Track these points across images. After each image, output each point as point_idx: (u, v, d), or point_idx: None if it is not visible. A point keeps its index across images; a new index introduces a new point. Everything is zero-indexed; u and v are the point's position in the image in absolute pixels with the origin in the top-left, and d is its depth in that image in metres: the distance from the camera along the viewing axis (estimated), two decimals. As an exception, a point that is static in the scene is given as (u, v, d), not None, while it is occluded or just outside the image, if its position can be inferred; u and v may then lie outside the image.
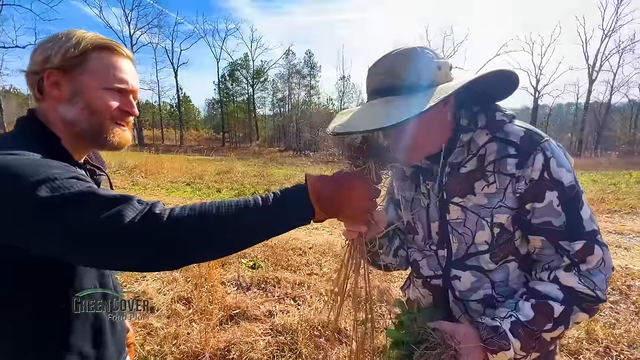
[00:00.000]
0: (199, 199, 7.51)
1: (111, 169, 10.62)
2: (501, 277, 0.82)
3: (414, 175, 0.93)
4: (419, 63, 0.73)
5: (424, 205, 0.90)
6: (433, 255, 0.90)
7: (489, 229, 0.79)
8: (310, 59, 38.90)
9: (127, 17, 33.87)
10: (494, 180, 0.78)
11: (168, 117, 45.06)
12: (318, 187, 0.61)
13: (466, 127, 0.81)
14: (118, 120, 0.76)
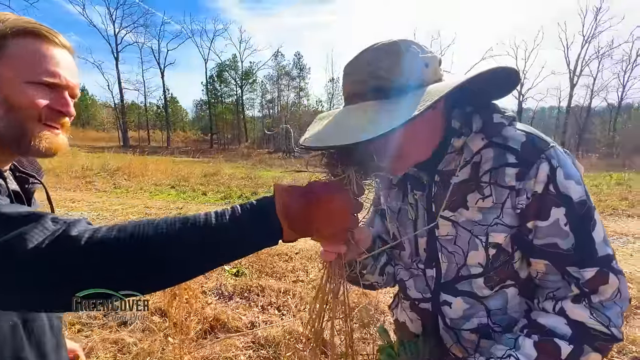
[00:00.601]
0: (183, 202, 7.30)
1: (92, 171, 10.27)
2: (498, 304, 0.71)
3: (401, 183, 0.84)
4: (403, 60, 0.61)
5: (411, 218, 0.80)
6: (421, 275, 0.80)
7: (484, 250, 0.69)
8: (299, 61, 38.84)
9: (112, 16, 33.08)
10: (489, 193, 0.67)
11: (154, 118, 44.11)
12: (287, 201, 0.51)
13: (458, 131, 0.70)
14: (48, 122, 0.64)
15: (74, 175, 9.76)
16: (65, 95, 0.66)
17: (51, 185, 8.38)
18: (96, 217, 5.64)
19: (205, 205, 7.11)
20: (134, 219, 4.01)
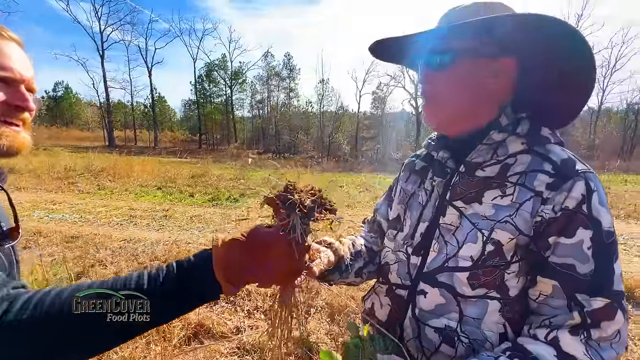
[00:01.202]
0: (169, 203, 7.17)
1: (75, 172, 9.99)
2: (474, 312, 0.67)
3: (422, 171, 0.86)
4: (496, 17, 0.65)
5: (421, 202, 0.80)
6: (405, 261, 0.79)
7: (481, 244, 0.66)
8: (289, 62, 38.73)
9: (97, 13, 32.30)
10: (511, 193, 0.65)
11: (141, 117, 43.28)
12: (222, 255, 0.52)
13: (503, 127, 0.69)
14: (6, 118, 0.62)
15: (55, 176, 9.46)
16: (22, 89, 0.63)
17: (31, 186, 8.11)
18: (78, 220, 5.48)
19: (193, 207, 7.00)
20: (118, 220, 3.93)
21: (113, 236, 4.58)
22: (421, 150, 0.92)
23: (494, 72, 0.68)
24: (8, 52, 0.62)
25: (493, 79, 0.69)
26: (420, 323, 0.72)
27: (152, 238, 4.61)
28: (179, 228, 5.32)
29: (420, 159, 0.90)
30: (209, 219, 5.98)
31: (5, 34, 0.63)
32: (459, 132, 0.76)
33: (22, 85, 0.64)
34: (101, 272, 3.34)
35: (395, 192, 0.94)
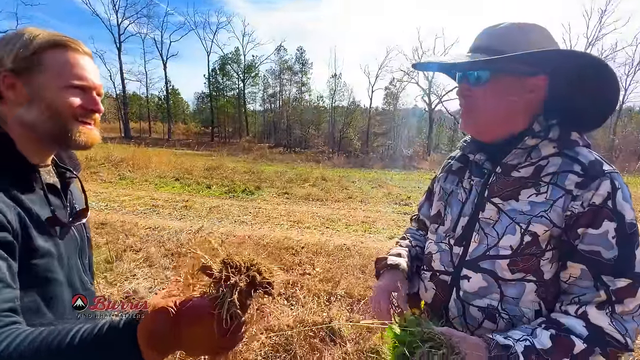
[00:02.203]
0: (188, 194, 7.41)
1: (97, 162, 10.34)
2: (514, 293, 0.76)
3: (460, 170, 0.95)
4: (529, 37, 0.75)
5: (461, 199, 0.89)
6: (448, 250, 0.88)
7: (520, 235, 0.75)
8: (301, 56, 38.67)
9: (115, 6, 32.82)
10: (545, 191, 0.74)
11: (156, 109, 44.03)
12: (148, 324, 0.50)
13: (536, 133, 0.78)
14: (83, 119, 0.75)
15: (78, 165, 9.83)
16: (94, 95, 0.76)
17: (56, 174, 8.47)
18: (104, 208, 5.75)
19: (211, 198, 7.22)
20: (142, 209, 4.15)
21: (139, 224, 4.81)
22: (455, 152, 1.02)
23: (529, 87, 0.77)
24: (83, 64, 0.75)
25: (528, 93, 0.77)
26: (464, 303, 0.82)
27: (175, 227, 4.82)
28: (199, 218, 5.54)
29: (456, 160, 0.99)
30: (227, 210, 6.18)
31: (81, 49, 0.75)
32: (495, 138, 0.85)
33: (94, 92, 0.77)
34: (133, 257, 3.56)
35: (434, 191, 1.04)
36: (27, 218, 0.68)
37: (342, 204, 7.48)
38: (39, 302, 0.69)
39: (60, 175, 0.84)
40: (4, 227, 0.61)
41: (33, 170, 0.73)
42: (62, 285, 0.74)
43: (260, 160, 17.75)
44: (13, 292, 0.58)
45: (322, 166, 13.59)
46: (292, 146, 30.18)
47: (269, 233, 4.81)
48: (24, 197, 0.69)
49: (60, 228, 0.76)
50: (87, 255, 0.90)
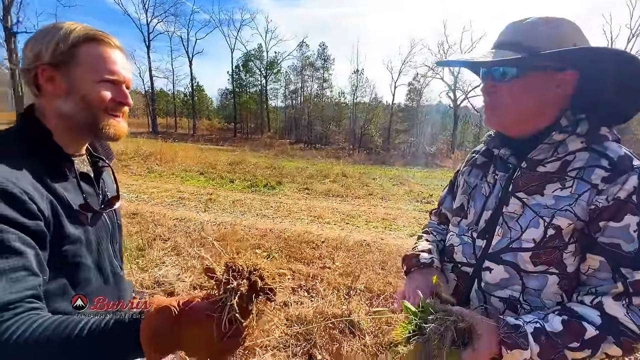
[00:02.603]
0: (212, 188, 7.65)
1: (127, 155, 10.86)
2: (536, 285, 0.77)
3: (484, 165, 0.95)
4: (560, 35, 0.73)
5: (484, 193, 0.90)
6: (470, 243, 0.89)
7: (543, 228, 0.75)
8: (323, 52, 38.60)
9: (145, 5, 34.04)
10: (570, 185, 0.74)
11: (181, 105, 45.45)
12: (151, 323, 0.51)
13: (563, 128, 0.77)
14: (112, 112, 0.77)
15: (111, 158, 10.37)
16: (124, 89, 0.79)
17: (91, 167, 8.97)
18: (135, 199, 6.05)
19: (233, 192, 7.42)
20: (169, 201, 4.34)
21: (166, 215, 5.04)
22: (480, 146, 1.01)
23: (557, 82, 0.76)
24: (115, 59, 0.77)
25: (555, 88, 0.76)
26: (486, 294, 0.83)
27: (200, 218, 5.01)
28: (223, 211, 5.72)
29: (480, 154, 0.99)
30: (250, 204, 6.34)
31: (112, 43, 0.77)
32: (521, 133, 0.84)
33: (123, 85, 0.79)
34: (162, 245, 3.75)
35: (457, 184, 1.04)
36: (60, 206, 0.70)
37: (363, 200, 7.47)
38: (67, 286, 0.72)
39: (94, 164, 0.88)
40: (35, 216, 0.63)
41: (67, 159, 0.76)
42: (90, 270, 0.77)
43: (282, 156, 17.96)
44: (37, 280, 0.60)
45: (343, 163, 13.58)
46: (313, 142, 30.26)
47: (289, 227, 4.90)
48: (58, 185, 0.72)
49: (92, 215, 0.79)
50: (118, 241, 0.93)
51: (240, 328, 0.53)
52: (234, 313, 0.51)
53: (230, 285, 0.52)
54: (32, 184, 0.65)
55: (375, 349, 2.21)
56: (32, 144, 0.71)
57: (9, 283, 0.55)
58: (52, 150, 0.72)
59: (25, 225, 0.61)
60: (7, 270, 0.56)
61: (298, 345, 2.23)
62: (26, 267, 0.59)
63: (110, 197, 0.89)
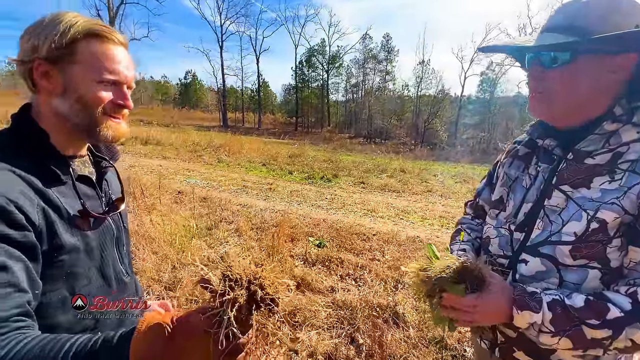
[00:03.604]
0: (273, 178, 8.12)
1: (201, 147, 12.09)
2: (575, 278, 0.74)
3: (526, 156, 0.91)
4: (615, 13, 0.68)
5: (525, 186, 0.87)
6: (507, 235, 0.87)
7: (586, 222, 0.72)
8: (387, 43, 37.51)
9: (219, 8, 36.98)
10: (620, 178, 0.70)
11: (249, 101, 48.63)
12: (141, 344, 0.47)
13: (617, 117, 0.72)
14: (111, 114, 0.73)
15: (187, 149, 11.66)
16: (124, 90, 0.74)
17: (171, 157, 10.19)
18: (206, 185, 6.76)
19: (292, 183, 7.79)
20: (234, 189, 4.78)
21: (231, 201, 5.54)
22: (522, 136, 0.97)
23: (613, 68, 0.70)
24: (118, 58, 0.71)
25: (612, 74, 0.71)
26: (514, 284, 0.80)
27: (260, 205, 5.41)
28: (281, 200, 6.07)
29: (523, 145, 0.94)
30: (306, 194, 6.60)
31: (116, 39, 0.71)
32: (569, 124, 0.79)
33: (125, 86, 0.74)
34: (226, 227, 4.17)
35: (496, 176, 1.01)
36: (54, 213, 0.65)
37: (420, 196, 7.22)
38: (66, 296, 0.67)
39: (97, 165, 0.83)
40: (23, 227, 0.57)
41: (65, 162, 0.71)
42: (90, 279, 0.72)
43: (340, 150, 18.12)
44: (24, 296, 0.55)
45: (402, 158, 13.16)
46: (373, 137, 29.82)
47: (342, 218, 5.01)
48: (54, 190, 0.66)
49: (93, 219, 0.73)
50: (125, 245, 0.87)
51: (239, 345, 0.48)
52: (232, 328, 0.46)
53: (227, 297, 0.47)
54: (22, 192, 0.60)
55: (419, 343, 2.20)
56: (26, 147, 0.66)
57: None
58: (47, 153, 0.68)
59: (12, 238, 0.56)
60: None
61: (342, 328, 2.33)
62: (12, 284, 0.54)
63: (114, 199, 0.85)
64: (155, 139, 12.56)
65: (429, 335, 2.26)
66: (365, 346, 2.15)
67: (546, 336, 0.70)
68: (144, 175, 6.59)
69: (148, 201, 4.35)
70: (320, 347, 2.10)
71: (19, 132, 0.68)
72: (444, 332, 2.22)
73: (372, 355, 2.07)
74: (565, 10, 0.74)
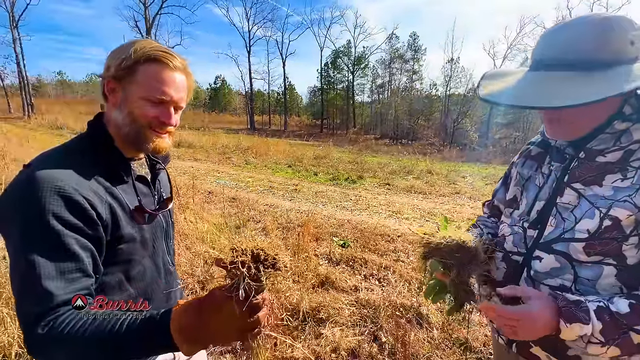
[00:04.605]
0: (298, 180, 8.27)
1: (230, 149, 12.52)
2: (590, 275, 0.75)
3: (539, 156, 0.93)
4: (612, 37, 0.67)
5: (538, 184, 0.89)
6: (521, 233, 0.89)
7: (599, 219, 0.73)
8: (414, 42, 36.79)
9: (247, 14, 38.09)
10: (632, 176, 0.71)
11: (275, 104, 49.55)
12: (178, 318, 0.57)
13: (627, 116, 0.74)
14: (156, 129, 0.81)
15: (217, 151, 12.13)
16: (170, 110, 0.81)
17: (202, 158, 10.65)
18: (234, 186, 7.02)
19: (317, 184, 7.89)
20: (261, 189, 4.95)
21: (259, 201, 5.73)
22: (536, 137, 0.98)
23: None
24: (168, 79, 0.78)
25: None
26: (535, 282, 0.82)
27: (286, 206, 5.55)
28: (306, 200, 6.18)
29: (536, 145, 0.96)
30: (330, 195, 6.67)
31: (172, 64, 0.79)
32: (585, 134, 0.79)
33: (172, 106, 0.81)
34: (254, 226, 4.34)
35: (511, 176, 1.03)
36: (118, 208, 0.75)
37: (448, 198, 7.05)
38: (122, 279, 0.78)
39: (152, 167, 0.94)
40: (94, 222, 0.68)
41: (126, 163, 0.81)
42: (144, 266, 0.83)
43: (365, 151, 18.01)
44: (90, 280, 0.66)
45: (430, 159, 12.84)
46: (399, 138, 29.34)
47: (366, 219, 5.02)
48: (117, 188, 0.77)
49: (147, 215, 0.84)
50: (171, 238, 0.98)
51: (257, 303, 0.56)
52: (247, 284, 0.54)
53: (237, 260, 0.56)
54: (93, 190, 0.71)
55: (442, 344, 2.20)
56: (98, 150, 0.77)
57: (67, 283, 0.62)
58: (113, 155, 0.79)
59: (85, 231, 0.67)
60: (66, 272, 0.62)
61: (365, 326, 2.38)
62: (81, 269, 0.65)
63: (165, 197, 0.95)
64: (187, 141, 13.18)
65: (454, 336, 2.25)
66: (388, 344, 2.18)
67: (595, 347, 0.68)
68: (177, 176, 6.95)
69: (182, 200, 4.61)
70: (344, 343, 2.15)
71: (92, 137, 0.80)
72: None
73: (394, 354, 2.09)
74: (558, 42, 0.72)
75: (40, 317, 0.59)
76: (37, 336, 0.58)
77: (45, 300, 0.59)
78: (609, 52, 0.67)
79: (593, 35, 0.68)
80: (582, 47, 0.69)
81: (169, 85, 0.79)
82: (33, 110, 25.50)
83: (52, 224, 0.63)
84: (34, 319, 0.59)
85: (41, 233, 0.62)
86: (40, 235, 0.62)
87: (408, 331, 2.26)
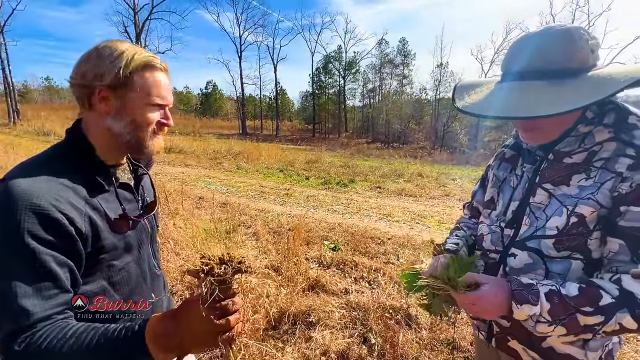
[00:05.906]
0: (289, 184, 8.27)
1: (221, 154, 12.46)
2: (559, 269, 0.80)
3: (512, 158, 0.99)
4: (575, 46, 0.72)
5: (512, 186, 0.94)
6: (498, 232, 0.93)
7: (566, 216, 0.78)
8: (404, 47, 37.32)
9: (238, 20, 38.09)
10: (595, 175, 0.76)
11: (266, 109, 49.53)
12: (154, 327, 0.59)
13: (589, 120, 0.79)
14: (157, 132, 0.83)
15: (208, 157, 12.06)
16: (167, 111, 0.84)
17: (193, 164, 10.58)
18: (225, 191, 6.98)
19: (308, 188, 7.90)
20: (252, 194, 4.95)
21: (250, 206, 5.71)
22: (510, 140, 1.05)
23: None
24: (162, 83, 0.80)
25: None
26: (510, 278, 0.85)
27: (277, 210, 5.54)
28: (297, 205, 6.18)
29: (509, 148, 1.02)
30: (322, 199, 6.69)
31: (160, 66, 0.80)
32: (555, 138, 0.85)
33: (167, 108, 0.83)
34: (245, 231, 4.32)
35: (487, 178, 1.08)
36: (98, 219, 0.74)
37: (438, 201, 7.14)
38: (105, 286, 0.78)
39: (134, 172, 0.93)
40: (72, 238, 0.67)
41: (109, 173, 0.81)
42: (128, 271, 0.83)
43: (357, 155, 18.11)
44: (68, 296, 0.67)
45: (420, 162, 13.03)
46: (390, 141, 29.56)
47: (357, 223, 5.05)
48: (98, 197, 0.76)
49: (132, 221, 0.84)
50: (156, 242, 0.99)
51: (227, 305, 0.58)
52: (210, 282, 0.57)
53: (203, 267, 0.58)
54: (72, 203, 0.69)
55: (430, 344, 2.22)
56: (77, 160, 0.76)
57: (43, 300, 0.62)
58: (94, 164, 0.78)
59: (62, 247, 0.66)
60: (42, 289, 0.62)
61: (355, 328, 2.39)
62: (59, 286, 0.65)
63: (149, 202, 0.95)
64: (177, 147, 13.07)
65: (442, 336, 2.28)
66: (377, 346, 2.19)
67: (543, 325, 0.73)
68: (167, 182, 6.89)
69: (171, 206, 4.57)
70: (334, 346, 2.16)
71: (72, 146, 0.78)
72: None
73: (384, 355, 2.11)
74: (529, 53, 0.77)
75: (17, 333, 0.59)
76: (15, 352, 0.59)
77: (22, 318, 0.60)
78: (576, 61, 0.73)
79: (562, 46, 0.73)
80: (552, 57, 0.74)
81: (164, 89, 0.81)
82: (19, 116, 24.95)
83: (27, 242, 0.62)
84: (11, 336, 0.59)
85: (17, 251, 0.62)
86: (16, 253, 0.62)
87: (397, 332, 2.27)
